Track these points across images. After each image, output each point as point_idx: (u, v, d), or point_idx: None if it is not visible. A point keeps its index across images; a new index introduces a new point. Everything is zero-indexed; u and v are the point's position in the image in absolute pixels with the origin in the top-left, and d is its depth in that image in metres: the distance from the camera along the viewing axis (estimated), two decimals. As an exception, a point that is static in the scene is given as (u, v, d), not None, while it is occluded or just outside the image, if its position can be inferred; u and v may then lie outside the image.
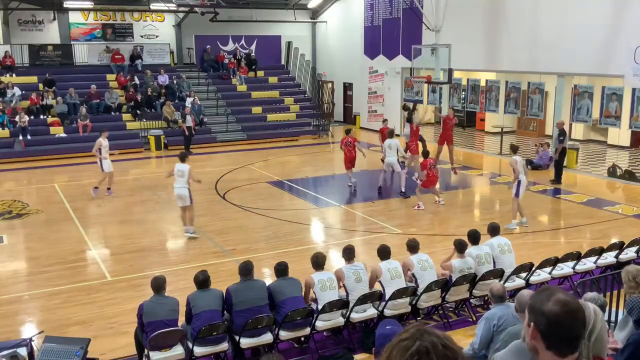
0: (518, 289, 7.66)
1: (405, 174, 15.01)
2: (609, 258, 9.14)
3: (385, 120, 18.17)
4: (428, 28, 18.90)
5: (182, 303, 6.76)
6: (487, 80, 20.66)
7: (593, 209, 13.64)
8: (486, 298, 7.95)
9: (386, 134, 15.37)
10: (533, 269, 8.42)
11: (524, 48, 18.25)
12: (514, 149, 12.72)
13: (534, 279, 8.46)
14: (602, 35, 16.04)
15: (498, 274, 8.06)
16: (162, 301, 6.58)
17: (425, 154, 14.31)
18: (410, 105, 19.44)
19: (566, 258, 8.80)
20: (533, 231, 12.11)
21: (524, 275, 8.41)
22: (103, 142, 15.06)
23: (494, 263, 8.26)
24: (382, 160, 15.64)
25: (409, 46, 21.00)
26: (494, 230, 8.56)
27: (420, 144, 16.69)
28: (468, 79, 21.34)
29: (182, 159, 11.81)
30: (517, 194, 12.13)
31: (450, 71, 17.77)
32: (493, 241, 8.45)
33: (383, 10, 24.98)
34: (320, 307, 7.01)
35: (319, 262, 7.34)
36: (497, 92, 20.11)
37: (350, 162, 15.68)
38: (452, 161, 17.56)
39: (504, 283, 7.81)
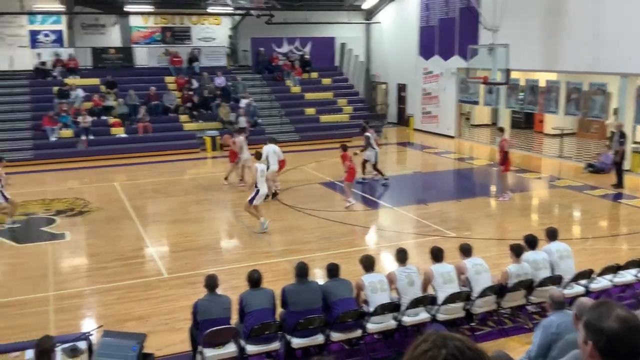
0: (577, 296, 7.40)
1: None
2: (675, 266, 8.72)
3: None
4: (485, 27, 18.55)
5: (235, 301, 6.85)
6: (546, 81, 20.10)
7: (658, 214, 13.07)
8: (543, 305, 7.72)
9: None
10: (593, 275, 8.12)
11: (586, 47, 17.63)
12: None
13: (594, 286, 8.17)
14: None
15: (556, 280, 7.81)
16: (215, 299, 6.69)
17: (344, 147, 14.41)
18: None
19: (628, 265, 8.45)
20: (593, 237, 11.70)
21: (583, 282, 8.13)
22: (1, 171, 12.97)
23: (552, 269, 8.01)
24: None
25: (465, 46, 20.67)
26: (552, 235, 8.30)
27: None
28: (526, 80, 20.80)
29: (274, 141, 13.28)
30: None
31: (507, 71, 17.40)
32: (551, 246, 8.20)
33: (439, 10, 24.66)
34: (371, 309, 6.97)
35: (368, 263, 7.29)
36: (557, 93, 19.52)
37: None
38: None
39: (563, 290, 7.56)
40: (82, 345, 6.09)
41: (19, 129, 21.20)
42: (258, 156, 12.63)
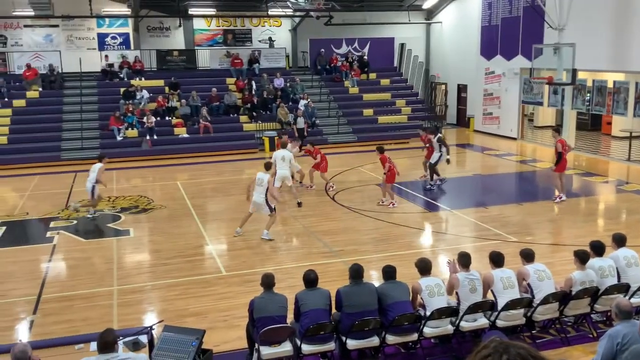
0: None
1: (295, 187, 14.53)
2: None
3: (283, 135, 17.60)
4: (550, 26, 18.01)
5: (290, 301, 6.89)
6: (614, 81, 19.32)
7: None
8: (609, 314, 7.42)
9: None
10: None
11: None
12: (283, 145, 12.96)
13: (664, 296, 7.78)
14: None
15: (623, 288, 7.49)
16: (271, 297, 6.75)
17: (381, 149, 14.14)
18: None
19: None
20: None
21: (653, 291, 7.76)
22: None
23: (619, 277, 7.69)
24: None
25: (529, 46, 20.11)
26: (620, 241, 7.96)
27: None
28: (593, 80, 20.05)
29: (284, 145, 12.56)
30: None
31: (574, 72, 16.86)
32: (618, 253, 7.86)
33: (502, 9, 24.11)
34: (428, 313, 6.87)
35: (425, 267, 7.19)
36: (626, 94, 18.73)
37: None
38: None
39: (630, 299, 7.25)
40: (143, 339, 6.25)
41: (87, 128, 22.05)
42: (267, 166, 12.25)
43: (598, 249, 7.73)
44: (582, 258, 7.46)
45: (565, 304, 7.39)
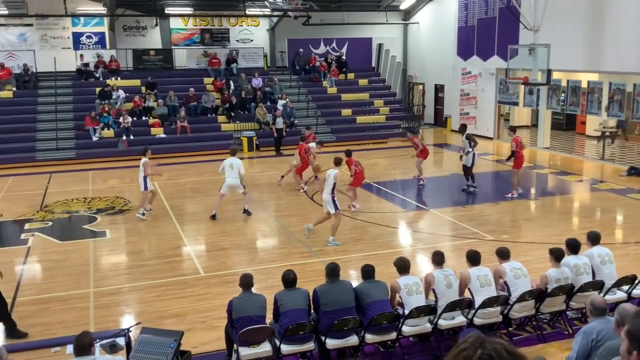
0: (619, 302, 7.20)
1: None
2: None
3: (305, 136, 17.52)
4: (526, 27, 18.23)
5: (269, 301, 6.88)
6: (588, 82, 19.64)
7: None
8: (584, 311, 7.54)
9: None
10: (636, 281, 7.90)
11: (630, 47, 17.16)
12: (336, 162, 11.86)
13: (636, 292, 7.94)
14: None
15: (598, 285, 7.62)
16: (250, 298, 6.74)
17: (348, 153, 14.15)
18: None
19: (675, 271, 8.18)
20: (636, 242, 11.37)
21: (626, 288, 7.91)
22: None
23: (594, 274, 7.82)
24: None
25: (504, 46, 20.34)
26: (594, 239, 8.09)
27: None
28: (568, 80, 20.36)
29: (233, 153, 13.41)
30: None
31: (549, 72, 17.08)
32: (593, 251, 7.99)
33: (478, 10, 24.36)
34: (406, 311, 6.92)
35: (404, 266, 7.24)
36: (600, 94, 19.05)
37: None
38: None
39: (604, 295, 7.37)
40: (121, 341, 6.20)
41: (62, 128, 21.74)
42: (337, 162, 11.94)
43: (573, 247, 7.85)
44: (557, 256, 7.57)
45: (541, 302, 7.49)
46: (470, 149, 15.26)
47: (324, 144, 16.91)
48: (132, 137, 21.68)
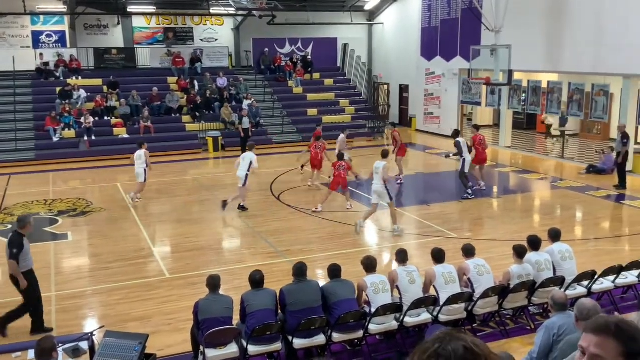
0: (579, 297, 7.39)
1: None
2: (677, 267, 8.71)
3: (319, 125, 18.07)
4: (487, 29, 18.55)
5: (236, 302, 6.85)
6: (548, 82, 20.09)
7: (661, 216, 13.04)
8: (545, 306, 7.71)
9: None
10: (596, 277, 8.11)
11: (588, 48, 17.63)
12: (383, 155, 12.52)
13: (596, 287, 8.16)
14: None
15: (558, 281, 7.80)
16: (217, 299, 6.70)
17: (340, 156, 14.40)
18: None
19: (631, 266, 8.44)
20: (596, 238, 11.69)
21: (585, 283, 8.12)
22: None
23: (554, 270, 8.01)
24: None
25: (467, 47, 20.66)
26: (555, 236, 8.29)
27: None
28: (529, 81, 20.79)
29: (250, 148, 14.05)
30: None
31: (510, 72, 17.40)
32: (554, 247, 8.19)
33: (441, 11, 24.67)
34: (373, 310, 6.97)
35: (371, 264, 7.30)
36: (560, 94, 19.51)
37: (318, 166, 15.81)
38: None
39: (565, 291, 7.56)
40: (84, 345, 6.10)
41: (21, 129, 21.22)
42: (384, 154, 12.44)
43: (534, 244, 8.03)
44: (519, 252, 7.74)
45: (504, 298, 7.64)
46: (461, 155, 14.84)
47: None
48: (93, 138, 21.30)
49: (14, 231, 7.85)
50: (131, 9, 26.11)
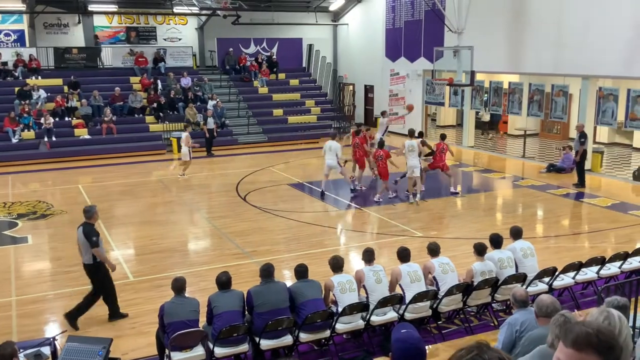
0: (540, 294, 7.55)
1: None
2: (634, 263, 8.97)
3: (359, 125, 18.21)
4: (450, 30, 18.79)
5: (203, 304, 6.80)
6: (510, 83, 20.47)
7: (618, 213, 13.43)
8: (508, 302, 7.86)
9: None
10: (556, 273, 8.31)
11: (548, 50, 18.05)
12: (411, 133, 15.10)
13: (557, 283, 8.36)
14: (628, 37, 15.78)
15: (520, 278, 7.97)
16: (182, 302, 6.63)
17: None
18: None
19: (590, 263, 8.67)
20: (556, 235, 11.97)
21: (547, 279, 8.31)
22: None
23: (517, 267, 8.17)
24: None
25: (430, 48, 20.89)
26: (516, 234, 8.47)
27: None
28: (491, 82, 21.15)
29: (333, 137, 15.54)
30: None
31: (472, 73, 17.67)
32: (516, 245, 8.36)
33: (405, 13, 24.90)
34: (340, 309, 7.00)
35: (338, 264, 7.33)
36: (520, 94, 19.90)
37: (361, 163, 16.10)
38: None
39: (527, 287, 7.72)
40: (46, 350, 5.98)
41: (-22, 130, 20.66)
42: (412, 133, 14.93)
43: (496, 242, 8.18)
44: (479, 250, 7.90)
45: (468, 295, 7.76)
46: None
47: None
48: (54, 139, 20.85)
49: (84, 222, 8.17)
50: (92, 7, 25.64)
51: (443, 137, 15.92)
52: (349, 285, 7.18)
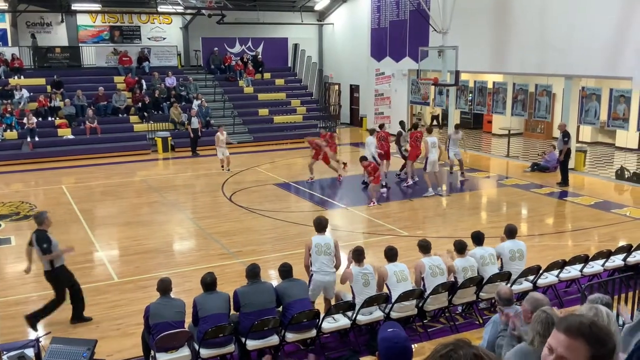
0: (525, 292, 7.61)
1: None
2: (616, 261, 9.08)
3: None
4: (435, 30, 18.87)
5: (189, 305, 6.77)
6: (494, 82, 20.61)
7: (601, 211, 13.57)
8: (493, 301, 7.92)
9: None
10: (540, 271, 8.38)
11: (532, 50, 18.19)
12: (429, 130, 16.17)
13: (541, 281, 8.43)
14: (611, 37, 15.96)
15: (505, 276, 8.03)
16: (168, 303, 6.60)
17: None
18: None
19: (574, 261, 8.76)
20: (540, 234, 12.07)
21: (531, 278, 8.37)
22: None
23: (502, 266, 8.23)
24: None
25: (415, 48, 20.98)
26: (510, 233, 8.43)
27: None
28: (475, 81, 21.28)
29: (429, 131, 16.03)
30: (425, 169, 15.33)
31: (457, 73, 17.76)
32: (505, 245, 8.36)
33: (390, 12, 24.97)
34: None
35: (321, 225, 7.33)
36: (505, 94, 20.05)
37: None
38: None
39: (511, 286, 7.78)
40: (30, 352, 5.92)
41: (-41, 130, 20.40)
42: (429, 130, 16.13)
43: (477, 239, 8.24)
44: (459, 248, 7.97)
45: (454, 294, 7.80)
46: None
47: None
48: (37, 139, 20.65)
49: (37, 230, 8.14)
50: (75, 6, 25.39)
51: (415, 126, 16.31)
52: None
